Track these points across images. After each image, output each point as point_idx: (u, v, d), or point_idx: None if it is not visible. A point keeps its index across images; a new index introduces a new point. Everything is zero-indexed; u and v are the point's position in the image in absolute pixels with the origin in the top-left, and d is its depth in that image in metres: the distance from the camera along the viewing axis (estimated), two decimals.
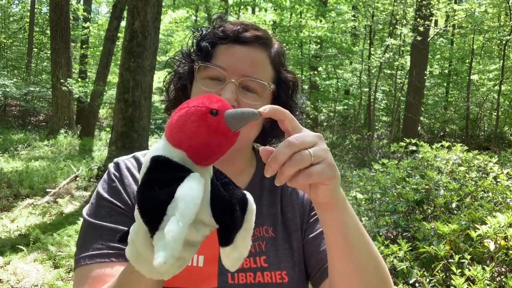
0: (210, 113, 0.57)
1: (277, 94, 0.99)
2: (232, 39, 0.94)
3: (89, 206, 0.96)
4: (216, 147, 0.58)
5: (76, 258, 0.91)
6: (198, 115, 0.57)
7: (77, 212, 5.78)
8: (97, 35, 18.64)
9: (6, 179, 6.79)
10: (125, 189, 0.96)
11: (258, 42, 0.95)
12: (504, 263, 2.65)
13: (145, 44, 6.59)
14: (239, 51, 0.94)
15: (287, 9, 14.58)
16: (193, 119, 0.57)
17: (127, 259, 0.84)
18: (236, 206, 0.60)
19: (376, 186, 4.00)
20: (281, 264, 0.93)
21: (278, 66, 0.99)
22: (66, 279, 3.90)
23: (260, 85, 0.93)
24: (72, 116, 12.43)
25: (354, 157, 11.79)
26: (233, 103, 0.90)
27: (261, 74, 0.94)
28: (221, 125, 0.57)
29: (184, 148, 0.57)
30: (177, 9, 14.57)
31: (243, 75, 0.92)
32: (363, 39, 16.57)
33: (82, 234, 0.94)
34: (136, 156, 1.03)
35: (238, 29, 0.95)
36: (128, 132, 6.64)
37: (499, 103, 13.07)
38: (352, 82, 16.71)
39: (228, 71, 0.92)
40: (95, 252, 0.88)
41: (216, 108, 0.58)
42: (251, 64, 0.93)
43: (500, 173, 3.79)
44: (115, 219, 0.91)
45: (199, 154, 0.58)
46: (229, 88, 0.90)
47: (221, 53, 0.94)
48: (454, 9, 12.64)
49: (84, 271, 0.88)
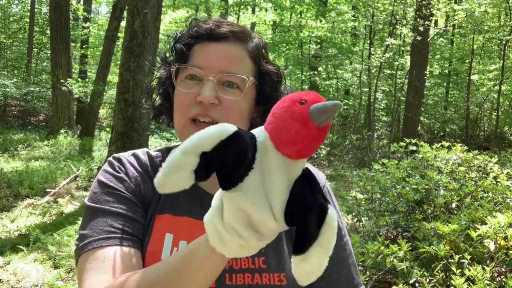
0: (299, 102, 0.60)
1: (261, 87, 0.98)
2: (205, 37, 0.94)
3: (91, 195, 0.94)
4: (295, 135, 0.58)
5: (84, 243, 0.86)
6: (288, 102, 0.60)
7: (77, 212, 5.77)
8: (97, 35, 18.65)
9: (6, 179, 6.78)
10: (131, 180, 0.95)
11: (233, 37, 0.94)
12: (504, 263, 2.65)
13: (145, 44, 6.59)
14: (214, 48, 0.93)
15: (287, 9, 14.57)
16: (283, 105, 0.60)
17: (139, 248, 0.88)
18: (312, 213, 0.60)
19: (376, 186, 4.00)
20: (280, 266, 0.92)
21: (258, 59, 0.98)
22: (66, 279, 3.90)
23: (240, 79, 0.92)
24: (72, 116, 12.42)
25: (354, 157, 11.79)
26: (214, 101, 0.89)
27: (239, 68, 0.93)
28: (304, 114, 0.58)
29: (269, 130, 0.61)
30: (177, 9, 14.57)
31: (220, 71, 0.91)
32: (363, 39, 16.56)
33: (87, 220, 0.90)
34: (136, 153, 1.01)
35: (210, 26, 0.94)
36: (128, 132, 6.64)
37: (499, 103, 13.07)
38: (352, 82, 16.71)
39: (205, 69, 0.91)
40: (109, 235, 0.86)
41: (307, 99, 0.59)
42: (228, 60, 0.92)
43: (500, 173, 3.79)
44: (126, 206, 0.90)
45: (278, 138, 0.60)
46: (208, 85, 0.90)
47: (196, 52, 0.94)
48: (454, 9, 12.64)
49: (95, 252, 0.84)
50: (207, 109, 0.90)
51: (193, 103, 0.91)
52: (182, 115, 0.93)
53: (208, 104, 0.90)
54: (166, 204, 0.94)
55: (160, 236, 0.90)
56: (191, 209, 0.94)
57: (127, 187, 0.93)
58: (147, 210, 0.94)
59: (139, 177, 0.96)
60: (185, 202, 0.95)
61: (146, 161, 1.00)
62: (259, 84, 0.97)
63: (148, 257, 0.88)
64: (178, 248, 0.89)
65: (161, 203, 0.94)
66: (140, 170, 0.97)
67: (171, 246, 0.89)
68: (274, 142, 0.60)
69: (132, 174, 0.96)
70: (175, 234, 0.91)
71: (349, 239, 1.05)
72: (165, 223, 0.92)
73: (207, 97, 0.89)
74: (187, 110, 0.92)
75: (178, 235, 0.91)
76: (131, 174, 0.96)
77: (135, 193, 0.93)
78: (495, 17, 14.80)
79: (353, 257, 1.03)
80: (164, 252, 0.89)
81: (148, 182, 0.96)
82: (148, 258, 0.88)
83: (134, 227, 0.89)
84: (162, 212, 0.93)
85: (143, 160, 1.00)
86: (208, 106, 0.90)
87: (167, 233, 0.91)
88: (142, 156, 1.01)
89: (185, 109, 0.92)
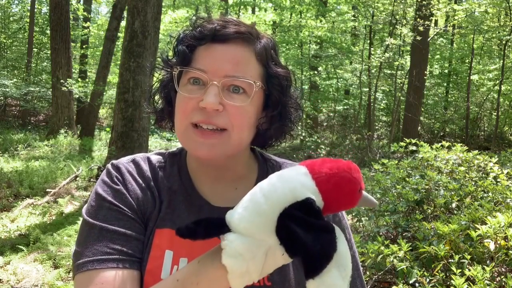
0: (359, 190, 0.73)
1: (269, 91, 0.91)
2: (210, 38, 0.87)
3: (89, 208, 0.90)
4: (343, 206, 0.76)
5: (81, 262, 0.84)
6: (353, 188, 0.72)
7: (77, 212, 5.78)
8: (97, 35, 18.63)
9: (6, 179, 6.78)
10: (129, 193, 0.90)
11: (239, 38, 0.88)
12: (504, 263, 2.65)
13: (145, 44, 6.60)
14: (218, 50, 0.86)
15: (287, 9, 14.58)
16: (350, 189, 0.72)
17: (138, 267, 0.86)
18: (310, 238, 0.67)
19: (376, 186, 4.00)
20: (285, 283, 0.89)
21: (266, 61, 0.90)
22: (66, 279, 3.90)
23: (247, 84, 0.86)
24: (72, 116, 12.41)
25: (354, 157, 11.79)
26: (218, 107, 0.84)
27: (246, 72, 0.86)
28: (356, 200, 0.75)
29: (329, 201, 0.71)
30: (177, 9, 14.59)
31: (225, 76, 0.85)
32: (363, 39, 16.56)
33: (84, 235, 0.87)
34: (135, 160, 0.96)
35: (215, 26, 0.87)
36: (128, 132, 6.65)
37: (499, 103, 13.07)
38: (352, 82, 16.69)
39: (209, 73, 0.85)
40: (104, 256, 0.83)
41: (362, 187, 0.74)
42: (233, 63, 0.86)
43: (500, 173, 3.79)
44: (124, 223, 0.86)
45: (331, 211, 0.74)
46: (212, 91, 0.84)
47: (200, 54, 0.88)
48: (454, 9, 12.64)
49: (94, 275, 0.82)
50: (210, 116, 0.85)
51: (196, 109, 0.86)
52: (183, 120, 0.88)
53: (211, 111, 0.85)
54: (166, 216, 0.90)
55: (159, 254, 0.87)
56: None
57: (125, 202, 0.89)
58: (146, 225, 0.89)
59: (138, 189, 0.91)
60: (185, 212, 0.91)
61: (147, 170, 0.95)
62: (267, 88, 0.91)
63: (147, 275, 0.85)
64: (178, 266, 0.86)
65: (161, 216, 0.90)
66: (140, 181, 0.93)
67: (171, 263, 0.86)
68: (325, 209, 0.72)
69: (130, 186, 0.91)
70: (175, 251, 0.87)
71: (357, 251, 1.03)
72: (165, 239, 0.88)
73: (211, 103, 0.83)
74: (188, 115, 0.87)
75: (178, 252, 0.87)
76: (129, 187, 0.91)
77: (133, 208, 0.89)
78: (495, 17, 14.80)
79: (360, 269, 1.01)
80: (164, 270, 0.86)
81: (148, 195, 0.91)
82: (147, 276, 0.84)
83: (132, 246, 0.86)
84: (163, 226, 0.89)
85: (144, 169, 0.95)
86: (212, 113, 0.85)
87: (167, 250, 0.87)
88: (143, 163, 0.96)
89: (187, 115, 0.87)
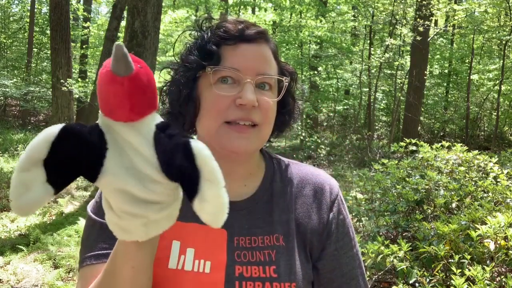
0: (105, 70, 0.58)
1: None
2: (238, 38, 0.92)
3: (93, 204, 0.95)
4: (113, 97, 0.57)
5: (81, 258, 0.90)
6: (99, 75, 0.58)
7: (77, 212, 5.78)
8: (97, 35, 18.61)
9: (6, 179, 6.78)
10: None
11: (261, 38, 0.94)
12: (504, 263, 2.65)
13: (145, 44, 6.60)
14: (247, 50, 0.92)
15: (287, 9, 14.56)
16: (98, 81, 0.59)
17: None
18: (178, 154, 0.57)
19: (376, 186, 4.00)
20: (291, 276, 0.90)
21: (278, 59, 0.99)
22: (66, 279, 3.90)
23: (274, 80, 0.94)
24: (72, 116, 12.40)
25: (354, 157, 11.79)
26: (256, 103, 0.89)
27: (271, 69, 0.94)
28: (108, 75, 0.56)
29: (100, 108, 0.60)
30: (177, 9, 14.57)
31: (257, 74, 0.91)
32: (363, 39, 16.56)
33: (87, 232, 0.92)
34: None
35: (242, 27, 0.93)
36: None
37: (499, 103, 13.06)
38: (352, 82, 16.70)
39: (242, 72, 0.89)
40: (101, 251, 0.88)
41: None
42: (262, 61, 0.92)
43: (500, 173, 3.79)
44: None
45: (106, 110, 0.59)
46: (249, 88, 0.88)
47: (229, 54, 0.91)
48: (454, 9, 12.62)
49: (89, 270, 0.87)
50: (248, 113, 0.89)
51: (232, 106, 0.89)
52: (217, 118, 0.90)
53: (250, 107, 0.89)
54: None
55: (167, 244, 0.89)
56: None
57: None
58: None
59: None
60: None
61: None
62: None
63: (154, 265, 0.85)
64: (185, 256, 0.88)
65: None
66: None
67: (178, 253, 0.89)
68: (107, 115, 0.58)
69: None
70: (182, 241, 0.90)
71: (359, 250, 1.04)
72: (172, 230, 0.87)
73: (252, 100, 0.87)
74: (224, 113, 0.89)
75: (185, 242, 0.90)
76: None
77: None
78: (495, 17, 14.79)
79: (362, 267, 1.02)
80: (171, 260, 0.88)
81: None
82: (155, 266, 0.86)
83: None
84: None
85: None
86: (250, 109, 0.89)
87: (174, 240, 0.90)
88: None
89: (222, 113, 0.89)
